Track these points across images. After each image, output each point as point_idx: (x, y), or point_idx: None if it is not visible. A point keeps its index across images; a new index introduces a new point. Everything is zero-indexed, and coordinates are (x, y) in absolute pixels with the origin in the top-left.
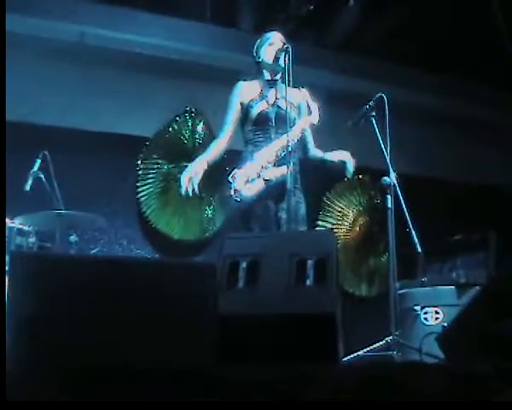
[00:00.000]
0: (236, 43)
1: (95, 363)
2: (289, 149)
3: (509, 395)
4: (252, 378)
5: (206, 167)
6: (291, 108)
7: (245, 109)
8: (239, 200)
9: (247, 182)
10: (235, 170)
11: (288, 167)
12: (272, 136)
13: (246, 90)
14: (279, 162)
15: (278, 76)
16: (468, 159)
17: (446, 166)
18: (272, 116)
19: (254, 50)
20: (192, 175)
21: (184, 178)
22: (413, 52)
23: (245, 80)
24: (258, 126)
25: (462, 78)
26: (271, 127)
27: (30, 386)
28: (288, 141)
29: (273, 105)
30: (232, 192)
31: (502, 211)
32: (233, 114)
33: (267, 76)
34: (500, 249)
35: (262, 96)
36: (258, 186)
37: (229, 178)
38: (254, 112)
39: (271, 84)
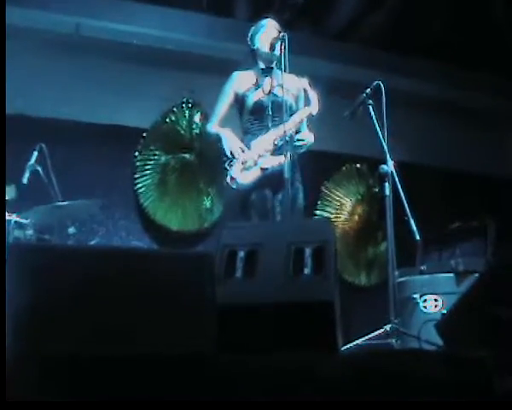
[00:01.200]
0: (233, 32)
1: (93, 354)
2: (287, 138)
3: (507, 382)
4: (250, 368)
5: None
6: (288, 96)
7: (241, 99)
8: (235, 187)
9: (243, 170)
10: (232, 159)
11: (285, 156)
12: (269, 124)
13: (241, 80)
14: (276, 151)
15: (273, 64)
16: (467, 147)
17: (444, 154)
18: (268, 105)
19: (249, 38)
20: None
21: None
22: (411, 40)
23: (239, 70)
24: (254, 115)
25: (462, 66)
26: (268, 116)
27: (30, 386)
28: (285, 130)
29: (269, 93)
30: (228, 180)
31: (500, 199)
32: (225, 103)
33: (262, 64)
34: (499, 237)
35: (257, 85)
36: (254, 174)
37: (226, 166)
38: (250, 101)
39: (266, 72)
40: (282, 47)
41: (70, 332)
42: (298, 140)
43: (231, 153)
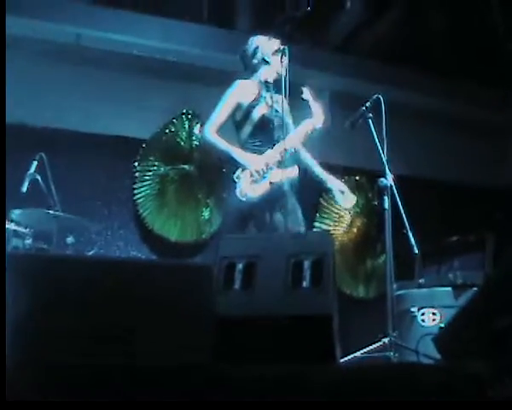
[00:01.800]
0: (234, 44)
1: (91, 362)
2: (292, 151)
3: (505, 395)
4: (248, 380)
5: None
6: (286, 112)
7: (244, 111)
8: (244, 200)
9: (252, 183)
10: (240, 170)
11: (295, 169)
12: (274, 138)
13: (245, 90)
14: (282, 164)
15: (273, 78)
16: (466, 160)
17: (443, 167)
18: (273, 119)
19: (250, 52)
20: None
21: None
22: (410, 54)
23: (242, 79)
24: (258, 129)
25: (460, 79)
26: (272, 130)
27: (30, 386)
28: (290, 143)
29: (271, 107)
30: (238, 193)
31: (499, 212)
32: (227, 110)
33: (263, 77)
34: (497, 250)
35: (261, 99)
36: (263, 188)
37: (234, 178)
38: (255, 115)
39: (268, 86)
40: (284, 59)
41: (67, 342)
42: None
43: (256, 170)
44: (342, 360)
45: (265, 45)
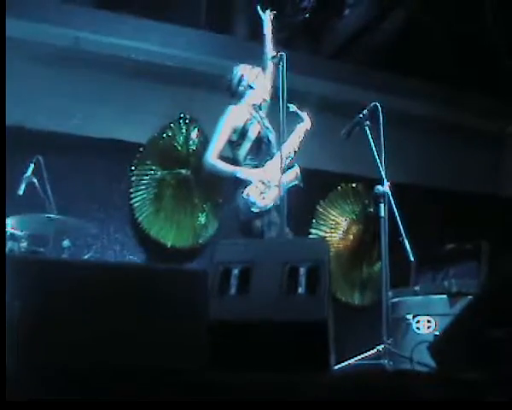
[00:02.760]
0: (231, 49)
1: (84, 365)
2: (292, 156)
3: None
4: (241, 385)
5: None
6: (272, 132)
7: (240, 132)
8: (256, 211)
9: (261, 193)
10: (248, 188)
11: (296, 171)
12: (271, 152)
13: (238, 114)
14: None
15: (259, 101)
16: (462, 168)
17: (439, 174)
18: (270, 135)
19: (236, 81)
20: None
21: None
22: (408, 61)
23: (234, 104)
24: (256, 146)
25: (457, 87)
26: (269, 145)
27: (30, 386)
28: (287, 151)
29: (263, 125)
30: (250, 205)
31: (495, 220)
32: (225, 138)
33: (251, 102)
34: (492, 259)
35: (253, 119)
36: (273, 194)
37: (244, 196)
38: (252, 134)
39: (256, 107)
40: (281, 66)
41: (63, 345)
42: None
43: (261, 181)
44: (336, 367)
45: (249, 73)
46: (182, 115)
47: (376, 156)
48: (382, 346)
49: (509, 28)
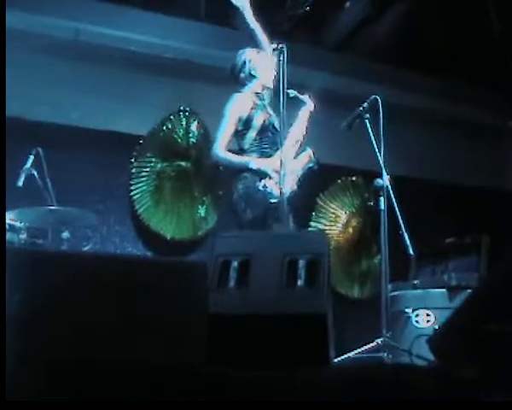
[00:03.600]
0: (231, 42)
1: (87, 359)
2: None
3: (496, 397)
4: (241, 379)
5: None
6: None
7: (245, 121)
8: (275, 200)
9: (276, 183)
10: (264, 180)
11: (308, 155)
12: (278, 140)
13: (242, 102)
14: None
15: (262, 89)
16: (462, 161)
17: (439, 168)
18: (275, 123)
19: (238, 66)
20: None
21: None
22: (409, 54)
23: (239, 92)
24: (262, 135)
25: (459, 80)
26: (276, 133)
27: (30, 386)
28: (295, 137)
29: (268, 113)
30: (269, 197)
31: (495, 214)
32: (230, 127)
33: (254, 90)
34: (492, 253)
35: (258, 107)
36: (290, 182)
37: (261, 188)
38: (257, 122)
39: (259, 95)
40: (281, 58)
41: (62, 338)
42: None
43: (275, 171)
44: (336, 360)
45: (255, 58)
46: (182, 108)
47: (376, 149)
48: (381, 339)
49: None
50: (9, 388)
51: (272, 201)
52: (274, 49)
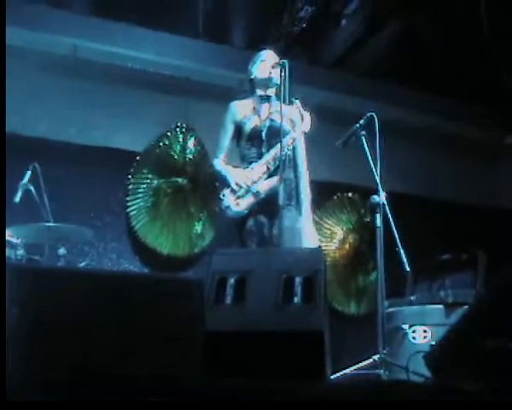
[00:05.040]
0: (229, 59)
1: (79, 373)
2: (281, 159)
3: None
4: (236, 394)
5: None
6: (285, 122)
7: (238, 127)
8: (230, 215)
9: (237, 198)
10: (225, 188)
11: (279, 178)
12: (263, 150)
13: (238, 109)
14: (271, 174)
15: (271, 91)
16: (459, 178)
17: (436, 185)
18: (264, 131)
19: (248, 69)
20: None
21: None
22: (405, 72)
23: (237, 99)
24: (251, 142)
25: (455, 98)
26: (264, 142)
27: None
28: (276, 153)
29: (266, 120)
30: (224, 209)
31: (491, 231)
32: (228, 136)
33: (260, 92)
34: (488, 269)
35: (255, 112)
36: (248, 201)
37: (220, 196)
38: (247, 128)
39: (264, 99)
40: (283, 73)
41: (59, 353)
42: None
43: (236, 184)
44: (332, 377)
45: (263, 61)
46: (178, 124)
47: (372, 166)
48: (378, 356)
49: (507, 47)
50: (9, 388)
51: (229, 214)
52: (273, 65)
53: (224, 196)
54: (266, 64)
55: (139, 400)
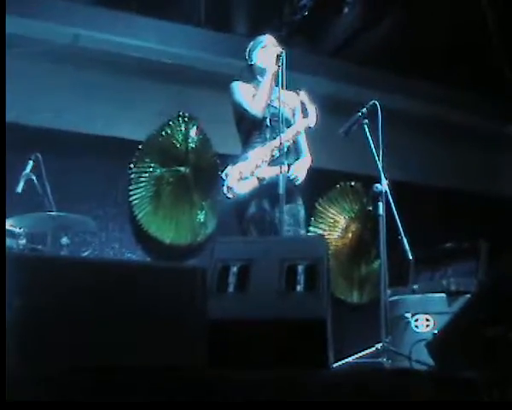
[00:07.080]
0: (230, 47)
1: (81, 364)
2: (284, 149)
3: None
4: (239, 383)
5: None
6: (285, 109)
7: (240, 111)
8: (231, 197)
9: (239, 179)
10: (229, 167)
11: (280, 168)
12: (267, 136)
13: (242, 90)
14: (274, 162)
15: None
16: (461, 166)
17: (438, 173)
18: (267, 116)
19: (247, 53)
20: None
21: None
22: (407, 60)
23: (238, 80)
24: (254, 127)
25: (457, 86)
26: (267, 128)
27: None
28: (282, 142)
29: (267, 106)
30: (225, 189)
31: (494, 219)
32: (245, 93)
33: (260, 79)
34: (491, 258)
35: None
36: (251, 184)
37: (223, 175)
38: (251, 113)
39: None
40: (280, 63)
41: (62, 343)
42: (291, 176)
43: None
44: (335, 365)
45: (263, 48)
46: (181, 113)
47: (375, 154)
48: (381, 344)
49: (509, 37)
50: (9, 388)
51: (228, 195)
52: (273, 53)
53: (226, 175)
54: (266, 50)
55: (139, 399)
